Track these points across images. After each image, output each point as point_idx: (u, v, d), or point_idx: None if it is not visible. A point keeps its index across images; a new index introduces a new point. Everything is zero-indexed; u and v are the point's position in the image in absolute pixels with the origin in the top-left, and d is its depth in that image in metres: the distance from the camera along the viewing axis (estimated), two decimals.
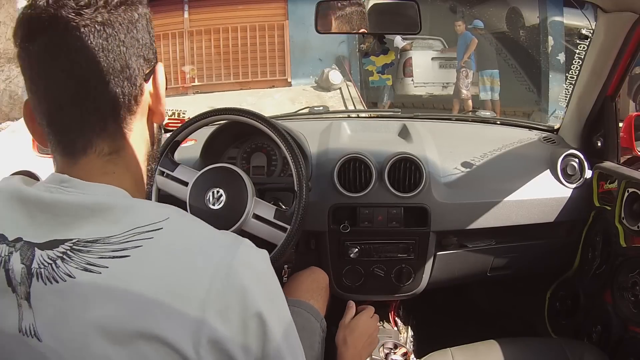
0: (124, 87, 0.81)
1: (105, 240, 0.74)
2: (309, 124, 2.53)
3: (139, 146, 0.86)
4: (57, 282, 0.73)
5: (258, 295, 0.76)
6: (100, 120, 0.81)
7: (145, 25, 0.85)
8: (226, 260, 0.76)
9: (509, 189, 2.04)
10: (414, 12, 1.79)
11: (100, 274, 0.72)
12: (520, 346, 1.82)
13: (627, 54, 1.88)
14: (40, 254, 0.74)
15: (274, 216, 1.67)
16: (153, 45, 0.87)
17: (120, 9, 0.80)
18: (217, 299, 0.73)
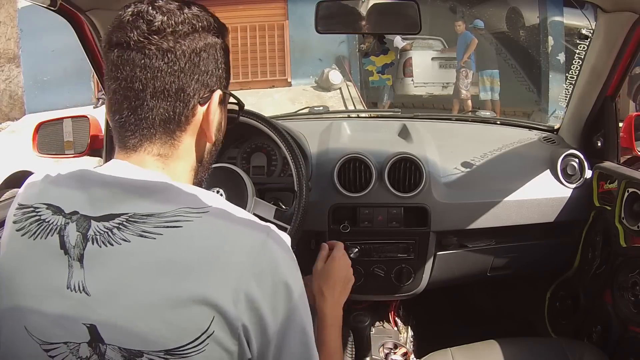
0: (176, 106, 0.92)
1: (160, 215, 0.85)
2: (309, 124, 2.53)
3: (186, 157, 0.97)
4: (112, 245, 0.84)
5: (285, 267, 0.89)
6: (150, 127, 0.92)
7: (214, 54, 0.96)
8: (262, 237, 0.89)
9: (509, 189, 2.04)
10: (414, 12, 1.78)
11: (155, 239, 0.84)
12: (520, 346, 1.82)
13: (627, 54, 1.88)
14: (96, 224, 0.86)
15: (274, 216, 1.67)
16: (220, 72, 0.98)
17: (187, 39, 0.92)
18: (254, 266, 0.85)
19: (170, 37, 0.90)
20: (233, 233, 0.87)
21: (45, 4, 1.60)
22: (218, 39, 0.98)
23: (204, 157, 1.03)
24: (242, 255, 0.85)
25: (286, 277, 0.88)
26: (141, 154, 0.93)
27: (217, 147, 1.07)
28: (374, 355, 1.95)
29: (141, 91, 0.90)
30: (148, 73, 0.89)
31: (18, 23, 10.83)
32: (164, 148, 0.93)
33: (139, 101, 0.90)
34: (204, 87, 0.95)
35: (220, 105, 1.00)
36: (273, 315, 0.86)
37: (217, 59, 0.97)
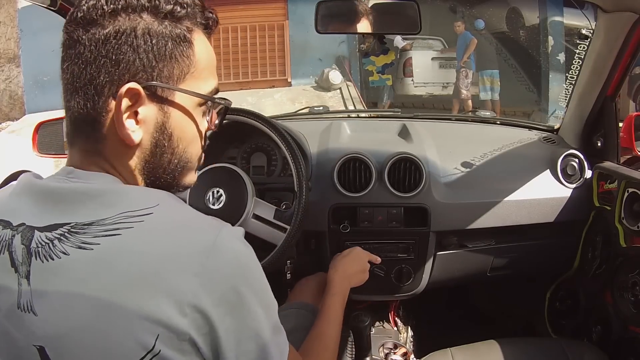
0: (87, 100, 0.84)
1: (100, 222, 0.80)
2: (309, 124, 2.53)
3: (119, 156, 0.88)
4: (52, 260, 0.79)
5: (237, 270, 0.83)
6: (73, 122, 0.87)
7: (129, 41, 0.83)
8: (210, 240, 0.82)
9: (509, 189, 2.04)
10: (414, 12, 1.78)
11: (93, 249, 0.78)
12: (520, 346, 1.81)
13: (627, 54, 1.88)
14: (39, 235, 0.81)
15: (274, 216, 1.67)
16: (145, 62, 0.84)
17: (96, 26, 0.83)
18: (202, 275, 0.79)
19: (81, 25, 0.83)
20: (178, 238, 0.81)
21: (45, 4, 1.60)
22: (141, 22, 0.84)
23: (145, 160, 0.90)
24: (188, 263, 0.79)
25: (237, 282, 0.82)
26: (76, 149, 0.88)
27: (168, 151, 0.91)
28: (374, 355, 1.95)
29: (65, 84, 0.86)
30: (65, 65, 0.85)
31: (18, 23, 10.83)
32: (89, 143, 0.87)
33: (67, 95, 0.86)
34: (117, 80, 0.83)
35: (157, 101, 0.87)
36: (224, 324, 0.80)
37: (137, 45, 0.83)
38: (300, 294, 1.74)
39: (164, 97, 0.87)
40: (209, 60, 0.94)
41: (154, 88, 0.85)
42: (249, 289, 0.83)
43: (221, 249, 0.82)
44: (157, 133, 0.88)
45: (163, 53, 0.85)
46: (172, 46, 0.86)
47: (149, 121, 0.87)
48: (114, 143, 0.86)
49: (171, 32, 0.86)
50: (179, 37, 0.87)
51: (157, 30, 0.85)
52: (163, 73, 0.86)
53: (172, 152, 0.91)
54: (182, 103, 0.90)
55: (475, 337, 1.84)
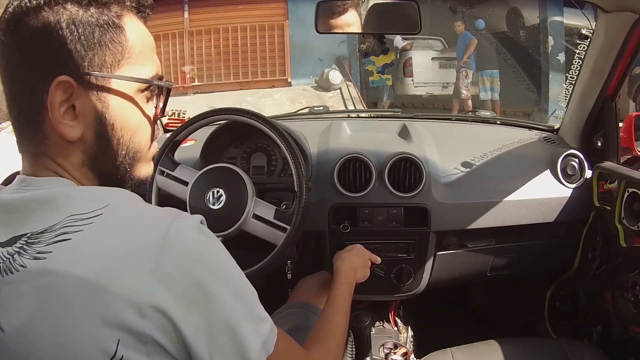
0: (23, 99, 0.82)
1: (51, 229, 0.78)
2: (309, 124, 2.53)
3: (64, 154, 0.85)
4: (12, 274, 0.77)
5: (196, 261, 0.79)
6: (16, 127, 0.85)
7: (54, 34, 0.80)
8: (162, 234, 0.78)
9: (509, 189, 2.04)
10: (414, 12, 1.78)
11: (46, 259, 0.76)
12: (520, 346, 1.81)
13: (627, 54, 1.88)
14: (1, 251, 0.79)
15: (274, 216, 1.67)
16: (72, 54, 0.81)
17: (20, 24, 0.80)
18: (157, 271, 0.75)
19: (11, 25, 0.80)
20: (128, 236, 0.78)
21: None
22: (64, 13, 0.80)
23: (91, 155, 0.87)
24: (140, 261, 0.75)
25: (198, 274, 0.78)
26: (25, 156, 0.86)
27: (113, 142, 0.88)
28: (374, 355, 1.95)
29: (6, 91, 0.84)
30: (3, 71, 0.83)
31: None
32: (33, 146, 0.85)
33: (8, 102, 0.84)
34: (49, 75, 0.80)
35: (93, 90, 0.83)
36: (190, 321, 0.77)
37: (63, 37, 0.80)
38: (301, 294, 1.74)
39: (100, 86, 0.84)
40: (145, 45, 0.89)
41: (87, 78, 0.82)
42: (214, 280, 0.80)
43: (174, 241, 0.78)
44: (98, 125, 0.85)
45: (91, 41, 0.82)
46: (99, 33, 0.83)
47: (87, 113, 0.84)
48: (56, 141, 0.84)
49: (97, 19, 0.83)
50: (106, 24, 0.84)
51: (82, 18, 0.81)
52: (94, 62, 0.83)
53: (117, 142, 0.88)
54: (121, 90, 0.86)
55: (475, 337, 1.84)
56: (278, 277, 1.80)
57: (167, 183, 1.74)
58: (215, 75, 11.22)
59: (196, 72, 10.95)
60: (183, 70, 10.86)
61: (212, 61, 11.15)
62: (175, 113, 3.30)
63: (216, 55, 11.16)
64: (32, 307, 0.75)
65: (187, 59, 10.91)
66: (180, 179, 1.72)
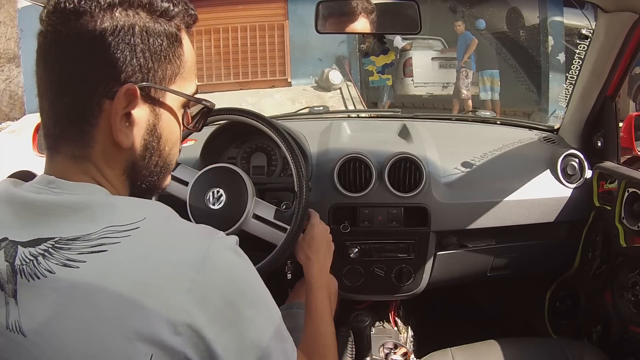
0: (77, 100, 0.80)
1: (85, 237, 0.75)
2: (309, 124, 2.53)
3: (108, 160, 0.85)
4: (38, 279, 0.74)
5: (231, 282, 0.79)
6: (58, 124, 0.82)
7: (126, 38, 0.80)
8: (201, 253, 0.77)
9: (509, 189, 2.04)
10: (414, 12, 1.78)
11: (79, 268, 0.74)
12: (520, 346, 1.81)
13: (627, 53, 1.88)
14: (22, 251, 0.76)
15: (274, 216, 1.66)
16: (141, 62, 0.82)
17: (90, 20, 0.79)
18: (194, 290, 0.75)
19: (71, 18, 0.78)
20: (167, 253, 0.77)
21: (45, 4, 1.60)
22: (139, 20, 0.81)
23: (133, 162, 0.87)
24: (179, 279, 0.75)
25: (232, 296, 0.78)
26: (58, 156, 0.83)
27: (155, 153, 0.89)
28: (374, 355, 1.95)
29: (46, 83, 0.81)
30: (48, 62, 0.80)
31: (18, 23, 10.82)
32: (77, 148, 0.82)
33: (46, 95, 0.82)
34: (112, 79, 0.80)
35: (150, 102, 0.85)
36: (222, 341, 0.76)
37: (134, 44, 0.80)
38: (301, 294, 1.73)
39: (156, 99, 0.85)
40: (192, 61, 0.92)
41: (148, 89, 0.83)
42: (246, 301, 0.80)
43: (213, 262, 0.78)
44: (148, 135, 0.86)
45: (159, 53, 0.83)
46: (166, 46, 0.84)
47: (141, 123, 0.84)
48: (105, 146, 0.83)
49: (166, 30, 0.84)
50: (172, 36, 0.85)
51: (154, 28, 0.82)
52: (157, 74, 0.84)
53: (160, 154, 0.89)
54: (171, 104, 0.88)
55: (476, 337, 1.84)
56: (278, 278, 1.80)
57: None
58: (215, 75, 11.23)
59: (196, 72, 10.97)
60: None
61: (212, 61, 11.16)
62: None
63: (216, 55, 11.17)
64: (60, 316, 0.73)
65: None
66: (181, 179, 1.71)
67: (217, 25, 10.97)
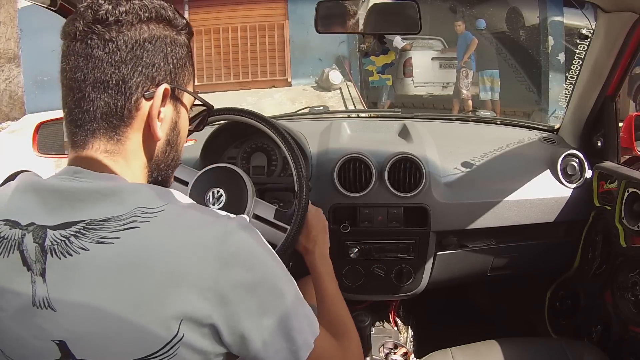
0: (117, 99, 0.89)
1: (116, 218, 0.83)
2: (309, 124, 2.53)
3: (136, 154, 0.94)
4: (71, 256, 0.81)
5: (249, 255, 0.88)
6: (93, 121, 0.89)
7: (161, 47, 0.92)
8: (222, 228, 0.87)
9: (509, 189, 2.04)
10: (414, 12, 1.78)
11: (113, 244, 0.81)
12: (520, 346, 1.82)
13: (627, 53, 1.88)
14: (52, 233, 0.83)
15: (274, 216, 1.66)
16: (170, 67, 0.94)
17: (132, 29, 0.89)
18: (218, 260, 0.84)
19: (113, 27, 0.88)
20: (192, 230, 0.85)
21: (45, 4, 1.60)
22: (169, 32, 0.94)
23: (156, 156, 0.98)
24: (206, 253, 0.83)
25: (252, 264, 0.87)
26: (89, 151, 0.90)
27: (174, 148, 1.02)
28: (374, 355, 1.95)
29: (82, 82, 0.88)
30: (89, 63, 0.88)
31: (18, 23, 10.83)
32: (110, 144, 0.90)
33: (81, 93, 0.88)
34: (149, 81, 0.91)
35: (174, 102, 0.97)
36: (245, 307, 0.85)
37: (166, 52, 0.93)
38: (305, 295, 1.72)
39: (179, 99, 0.98)
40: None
41: (175, 90, 0.96)
42: (264, 268, 0.89)
43: (232, 237, 0.86)
44: (171, 131, 0.99)
45: (182, 60, 0.97)
46: (185, 54, 0.98)
47: (167, 120, 0.96)
48: (134, 142, 0.93)
49: (185, 42, 0.98)
50: (187, 47, 0.99)
51: (178, 40, 0.96)
52: (179, 77, 0.97)
53: (177, 149, 1.02)
54: (186, 104, 1.02)
55: (476, 337, 1.84)
56: None
57: None
58: (215, 75, 11.23)
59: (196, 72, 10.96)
60: None
61: (212, 61, 11.17)
62: None
63: (216, 55, 11.17)
64: (97, 288, 0.80)
65: None
66: (180, 178, 1.71)
67: (217, 25, 10.98)
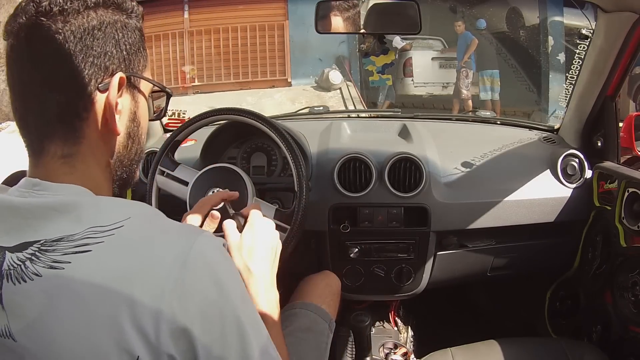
0: (69, 96, 0.83)
1: (69, 238, 0.76)
2: (309, 124, 2.53)
3: (95, 154, 0.87)
4: (25, 282, 0.75)
5: (212, 283, 0.79)
6: (46, 124, 0.83)
7: (112, 33, 0.86)
8: (184, 251, 0.78)
9: (509, 189, 2.04)
10: (414, 12, 1.78)
11: (64, 269, 0.74)
12: (520, 346, 1.82)
13: (627, 53, 1.88)
14: (10, 256, 0.77)
15: (274, 216, 1.66)
16: (124, 54, 0.88)
17: (78, 18, 0.82)
18: (176, 288, 0.75)
19: (59, 17, 0.81)
20: (150, 252, 0.77)
21: None
22: (119, 17, 0.87)
23: (118, 152, 0.91)
24: (161, 279, 0.75)
25: (213, 293, 0.78)
26: (45, 158, 0.84)
27: (136, 140, 0.94)
28: (374, 355, 1.95)
29: (30, 84, 0.82)
30: (36, 62, 0.81)
31: None
32: (66, 147, 0.84)
33: (31, 94, 0.83)
34: (102, 71, 0.84)
35: (131, 90, 0.90)
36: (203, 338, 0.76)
37: (118, 38, 0.86)
38: (303, 294, 1.72)
39: (136, 87, 0.92)
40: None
41: (131, 78, 0.90)
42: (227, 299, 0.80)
43: (196, 259, 0.78)
44: (130, 123, 0.92)
45: (136, 45, 0.90)
46: (138, 39, 0.91)
47: (125, 111, 0.90)
48: (93, 141, 0.86)
49: (137, 26, 0.91)
50: (140, 31, 0.92)
51: (130, 24, 0.89)
52: (134, 64, 0.90)
53: (139, 141, 0.95)
54: (144, 92, 0.95)
55: (476, 337, 1.84)
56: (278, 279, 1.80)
57: (167, 183, 1.74)
58: (215, 75, 11.22)
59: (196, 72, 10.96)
60: (183, 70, 10.86)
61: (212, 61, 11.16)
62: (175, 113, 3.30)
63: (216, 55, 11.16)
64: (49, 317, 0.74)
65: (187, 59, 10.92)
66: (181, 179, 1.71)
67: (217, 25, 10.97)
